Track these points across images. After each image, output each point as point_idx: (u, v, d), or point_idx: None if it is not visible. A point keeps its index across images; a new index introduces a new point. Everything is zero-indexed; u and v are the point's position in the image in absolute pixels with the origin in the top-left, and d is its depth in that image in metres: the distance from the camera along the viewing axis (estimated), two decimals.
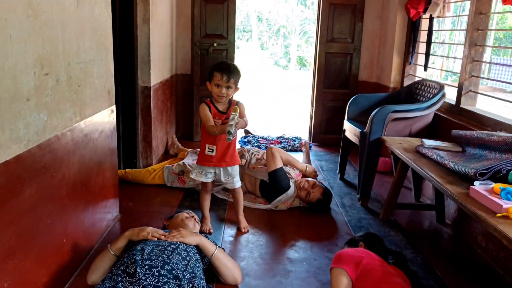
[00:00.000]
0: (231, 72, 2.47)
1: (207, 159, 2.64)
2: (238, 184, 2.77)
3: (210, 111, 2.55)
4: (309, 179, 3.37)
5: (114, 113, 2.76)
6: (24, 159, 1.66)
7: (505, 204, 1.80)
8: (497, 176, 2.15)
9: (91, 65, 2.33)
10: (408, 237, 2.89)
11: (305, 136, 5.49)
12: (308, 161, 3.96)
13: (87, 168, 2.33)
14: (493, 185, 2.00)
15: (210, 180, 2.73)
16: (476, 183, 2.06)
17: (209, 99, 2.62)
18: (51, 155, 1.88)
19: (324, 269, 2.43)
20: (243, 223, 2.90)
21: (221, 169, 2.68)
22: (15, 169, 1.60)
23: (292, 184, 3.29)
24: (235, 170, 2.71)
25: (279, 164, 3.30)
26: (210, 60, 4.85)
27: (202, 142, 2.66)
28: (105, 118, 2.58)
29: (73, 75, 2.10)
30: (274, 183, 3.26)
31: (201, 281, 1.90)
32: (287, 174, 3.37)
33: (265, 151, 3.68)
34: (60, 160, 1.98)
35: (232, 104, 2.55)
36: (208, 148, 2.61)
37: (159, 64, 4.08)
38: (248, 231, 2.88)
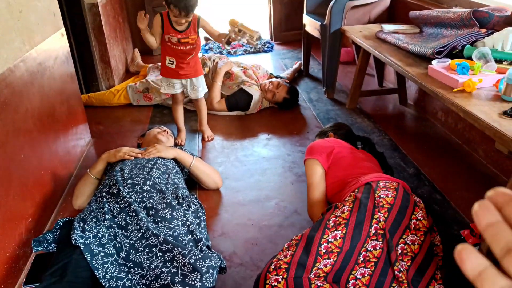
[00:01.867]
0: (189, 8, 2.31)
1: (169, 71, 2.60)
2: (201, 94, 2.74)
3: (163, 24, 2.46)
4: (273, 79, 3.39)
5: (65, 36, 2.63)
6: None
7: (461, 79, 1.90)
8: (453, 52, 2.23)
9: None
10: (374, 121, 3.03)
11: (266, 36, 5.38)
12: (291, 75, 3.91)
13: (49, 98, 2.28)
14: (450, 62, 2.08)
15: (179, 91, 2.70)
16: (434, 62, 2.13)
17: (167, 11, 2.44)
18: (9, 89, 1.83)
19: (298, 163, 2.56)
20: (207, 132, 2.95)
21: (188, 80, 2.65)
22: None
23: (253, 90, 3.29)
24: (199, 81, 2.68)
25: (221, 93, 3.32)
26: None
27: (162, 54, 2.60)
28: (56, 43, 2.46)
29: (12, 0, 1.96)
30: (235, 107, 3.28)
31: (184, 190, 1.99)
32: (245, 83, 3.34)
33: (227, 57, 3.64)
34: (19, 94, 1.92)
35: (193, 25, 2.46)
36: (168, 60, 2.56)
37: None
38: (213, 138, 2.94)
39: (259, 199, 2.26)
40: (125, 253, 1.61)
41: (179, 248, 1.55)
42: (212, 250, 1.69)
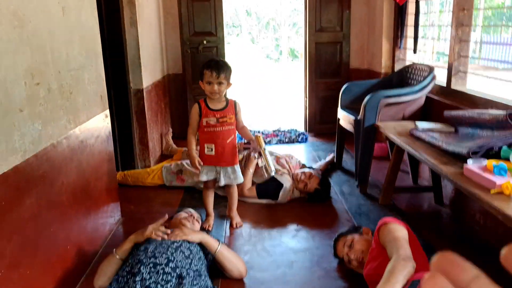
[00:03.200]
0: (220, 68, 2.49)
1: (207, 159, 2.65)
2: (236, 182, 2.76)
3: (201, 111, 2.58)
4: (305, 169, 3.40)
5: (109, 117, 2.77)
6: (22, 170, 1.68)
7: (499, 181, 1.84)
8: (489, 153, 2.18)
9: (81, 71, 2.34)
10: (408, 219, 2.91)
11: (300, 127, 5.51)
12: (323, 167, 3.93)
13: (86, 174, 2.35)
14: (486, 162, 2.03)
15: (211, 178, 2.72)
16: (470, 161, 2.09)
17: (203, 98, 2.64)
18: (49, 164, 1.90)
19: (327, 257, 2.46)
20: (236, 218, 2.92)
21: (221, 168, 2.68)
22: (13, 180, 1.62)
23: (285, 179, 3.29)
24: (235, 169, 2.71)
25: (251, 182, 3.34)
26: (201, 58, 4.86)
27: (201, 142, 2.68)
28: (99, 123, 2.59)
29: (64, 83, 2.11)
30: (265, 195, 3.28)
31: (206, 279, 1.92)
32: (277, 171, 3.36)
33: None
34: (58, 168, 1.99)
35: (231, 106, 2.62)
36: (207, 148, 2.62)
37: (150, 66, 4.09)
38: (241, 225, 2.90)
39: None
40: None
41: None
42: None
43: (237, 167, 2.73)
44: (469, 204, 2.88)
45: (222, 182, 2.71)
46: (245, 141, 2.61)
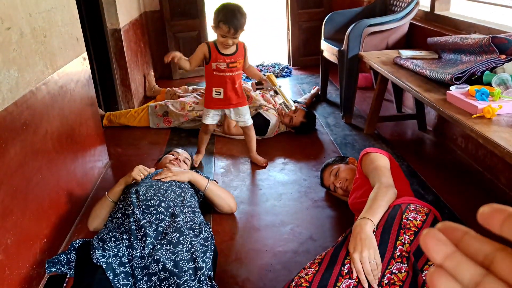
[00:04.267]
0: (238, 24, 2.31)
1: (215, 102, 2.60)
2: (250, 122, 2.74)
3: (210, 54, 2.46)
4: None
5: (87, 60, 2.69)
6: (2, 119, 1.65)
7: (480, 105, 1.86)
8: (472, 78, 2.20)
9: (53, 13, 2.24)
10: (392, 147, 2.99)
11: (284, 61, 5.43)
12: (308, 100, 3.92)
13: (69, 120, 2.32)
14: (469, 87, 2.05)
15: (214, 122, 2.73)
16: (453, 87, 2.10)
17: (213, 41, 2.49)
18: (30, 111, 1.87)
19: (314, 188, 2.53)
20: (259, 158, 2.88)
21: (231, 110, 2.66)
22: None
23: (271, 115, 3.30)
24: (245, 109, 2.69)
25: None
26: None
27: (208, 85, 2.61)
28: (78, 67, 2.52)
29: (37, 26, 2.02)
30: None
31: (199, 215, 1.97)
32: (263, 107, 3.36)
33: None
34: (39, 115, 1.96)
35: (241, 49, 2.51)
36: (215, 92, 2.55)
37: (125, 4, 3.92)
38: (267, 163, 2.87)
39: (274, 224, 2.23)
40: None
41: (175, 277, 1.56)
42: (213, 281, 1.66)
43: (247, 108, 2.71)
44: (451, 129, 2.94)
45: (233, 117, 2.72)
46: (256, 81, 2.55)
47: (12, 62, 1.76)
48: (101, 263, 1.58)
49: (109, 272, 1.56)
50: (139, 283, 1.59)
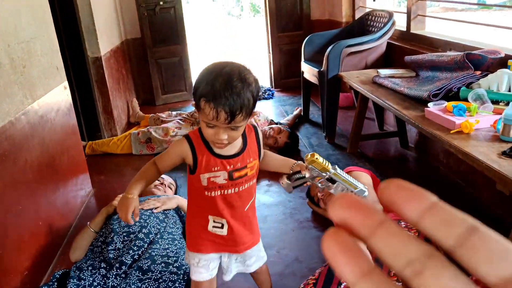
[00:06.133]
0: (239, 103, 1.18)
1: (212, 240, 1.44)
2: (265, 258, 1.64)
3: (194, 156, 1.33)
4: (274, 126, 3.42)
5: (68, 89, 2.68)
6: None
7: (458, 120, 1.90)
8: (449, 95, 2.25)
9: (33, 43, 2.24)
10: (375, 165, 3.01)
11: (266, 83, 5.48)
12: (291, 122, 3.92)
13: (50, 149, 2.30)
14: (446, 103, 2.09)
15: (213, 276, 1.53)
16: (430, 104, 2.14)
17: (199, 128, 1.35)
18: (8, 142, 1.84)
19: (299, 209, 2.53)
20: None
21: (237, 255, 1.53)
22: None
23: None
24: (259, 246, 1.59)
25: None
26: (159, 20, 4.71)
27: (195, 208, 1.44)
28: (58, 96, 2.51)
29: (15, 56, 2.02)
30: None
31: (180, 243, 1.93)
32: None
33: None
34: (19, 145, 1.94)
35: (252, 141, 1.41)
36: (214, 223, 1.41)
37: (106, 32, 3.94)
38: None
39: None
40: None
41: None
42: None
43: (260, 244, 1.60)
44: (433, 146, 2.98)
45: (232, 274, 1.57)
46: (292, 172, 1.31)
47: None
48: None
49: None
50: None
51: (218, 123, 1.20)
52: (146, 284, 1.61)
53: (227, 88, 1.16)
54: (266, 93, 5.07)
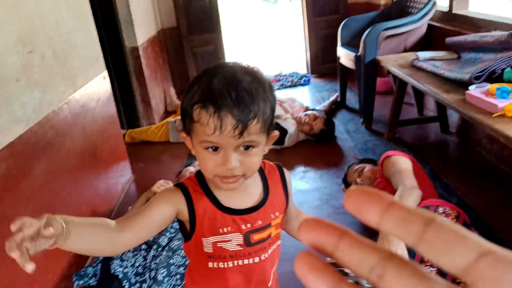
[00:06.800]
0: (247, 107, 0.77)
1: None
2: None
3: (192, 212, 0.90)
4: (309, 112, 3.39)
5: (107, 79, 2.76)
6: (27, 138, 1.71)
7: (501, 103, 1.82)
8: (492, 76, 2.15)
9: (73, 35, 2.31)
10: (414, 151, 2.93)
11: (302, 69, 5.43)
12: (328, 108, 3.89)
13: (91, 138, 2.38)
14: (489, 86, 2.01)
15: None
16: (472, 87, 2.07)
17: (196, 173, 0.96)
18: (53, 131, 1.92)
19: (335, 195, 2.51)
20: None
21: None
22: (20, 149, 1.65)
23: (288, 124, 3.29)
24: None
25: None
26: (194, 8, 4.74)
27: (198, 278, 1.01)
28: (98, 86, 2.59)
29: (58, 48, 2.09)
30: None
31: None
32: (281, 117, 3.36)
33: None
34: (62, 134, 2.02)
35: (277, 187, 1.05)
36: None
37: (143, 22, 4.01)
38: None
39: None
40: None
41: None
42: None
43: None
44: (475, 130, 2.88)
45: None
46: None
47: (35, 84, 1.82)
48: (117, 273, 1.61)
49: (125, 281, 1.59)
50: None
51: (223, 139, 0.77)
52: (174, 259, 1.67)
53: (231, 84, 0.77)
54: (302, 79, 5.03)
